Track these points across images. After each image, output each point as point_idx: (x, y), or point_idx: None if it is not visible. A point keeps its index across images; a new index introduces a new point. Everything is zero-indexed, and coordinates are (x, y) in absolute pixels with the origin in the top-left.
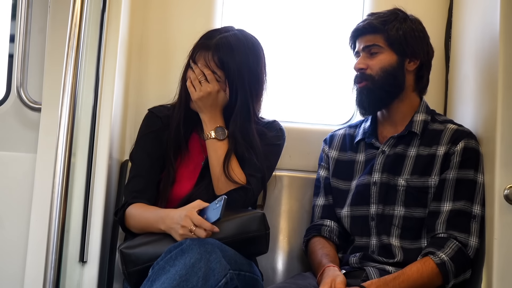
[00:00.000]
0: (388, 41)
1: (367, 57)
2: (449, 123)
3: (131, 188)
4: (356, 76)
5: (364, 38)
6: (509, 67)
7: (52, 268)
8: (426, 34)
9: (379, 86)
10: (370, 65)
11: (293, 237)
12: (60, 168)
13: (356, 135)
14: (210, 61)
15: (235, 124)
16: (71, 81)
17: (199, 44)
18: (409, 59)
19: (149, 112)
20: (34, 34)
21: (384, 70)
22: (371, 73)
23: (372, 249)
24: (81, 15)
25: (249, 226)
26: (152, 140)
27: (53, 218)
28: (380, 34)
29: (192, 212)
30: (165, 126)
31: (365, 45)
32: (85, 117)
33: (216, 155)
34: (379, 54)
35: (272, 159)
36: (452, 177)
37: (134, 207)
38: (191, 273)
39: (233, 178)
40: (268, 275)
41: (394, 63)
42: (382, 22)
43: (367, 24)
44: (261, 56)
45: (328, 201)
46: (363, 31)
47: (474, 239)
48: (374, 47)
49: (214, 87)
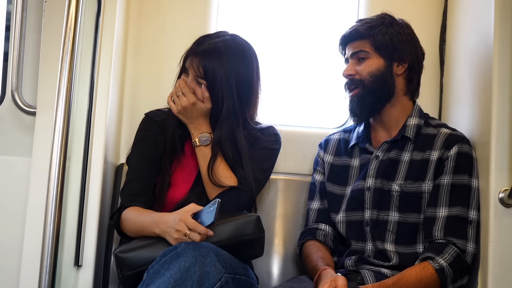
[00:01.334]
0: (375, 45)
1: (356, 63)
2: (443, 127)
3: (127, 192)
4: (346, 82)
5: (352, 44)
6: (503, 71)
7: (47, 272)
8: (414, 37)
9: (369, 91)
10: (358, 71)
11: (289, 240)
12: (55, 172)
13: (350, 139)
14: (197, 68)
15: (221, 129)
16: (66, 85)
17: (190, 50)
18: (397, 62)
19: (146, 116)
20: (29, 37)
21: (372, 74)
22: (360, 78)
23: (368, 253)
24: (75, 19)
25: (244, 229)
26: (148, 144)
27: (48, 222)
28: (366, 39)
29: (186, 216)
30: (161, 130)
31: (353, 51)
32: (80, 121)
33: (204, 161)
34: (367, 59)
35: (266, 162)
36: (446, 182)
37: (130, 211)
38: (185, 277)
39: (219, 181)
40: (264, 279)
41: (382, 67)
42: (368, 28)
43: (353, 30)
44: (252, 62)
45: (323, 205)
46: (350, 38)
47: (471, 245)
48: (362, 53)
49: (189, 100)
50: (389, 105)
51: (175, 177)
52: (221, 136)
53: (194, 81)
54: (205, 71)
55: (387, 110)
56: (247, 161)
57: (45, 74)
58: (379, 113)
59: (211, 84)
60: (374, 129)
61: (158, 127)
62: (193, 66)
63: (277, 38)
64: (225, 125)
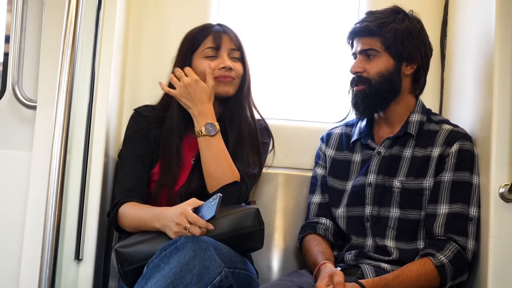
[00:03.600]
0: (385, 44)
1: (364, 60)
2: (445, 123)
3: (123, 187)
4: (353, 78)
5: (361, 40)
6: (504, 66)
7: (48, 266)
8: (424, 34)
9: (375, 90)
10: (366, 69)
11: (289, 234)
12: (55, 166)
13: (352, 134)
14: (231, 41)
15: (232, 110)
16: (66, 79)
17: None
18: (406, 63)
19: (135, 112)
20: (30, 31)
21: (380, 74)
22: (368, 77)
23: (368, 248)
24: (76, 13)
25: (244, 222)
26: (140, 139)
27: (49, 216)
28: (377, 37)
29: (186, 210)
30: (151, 125)
31: (362, 48)
32: (81, 115)
33: (209, 152)
34: (376, 58)
35: (263, 156)
36: (448, 179)
37: (127, 206)
38: (185, 271)
39: (223, 179)
40: (264, 273)
41: (390, 67)
42: (380, 25)
43: (364, 27)
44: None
45: (324, 199)
46: (360, 33)
47: (472, 242)
48: (371, 51)
49: (191, 77)
50: (393, 103)
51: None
52: (232, 118)
53: (228, 58)
54: (238, 43)
55: (391, 107)
56: (249, 151)
57: (46, 68)
58: (383, 110)
59: (242, 57)
60: (377, 124)
61: (148, 122)
62: (224, 42)
63: (278, 33)
64: (237, 106)
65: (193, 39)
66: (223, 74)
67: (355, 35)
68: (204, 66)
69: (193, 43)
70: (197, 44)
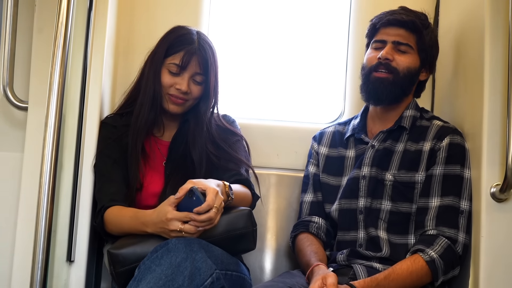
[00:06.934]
0: (419, 45)
1: (395, 51)
2: (436, 119)
3: (106, 191)
4: (379, 63)
5: (398, 31)
6: (494, 64)
7: (40, 268)
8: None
9: (399, 83)
10: (397, 60)
11: (281, 235)
12: (47, 168)
13: (346, 131)
14: (197, 65)
15: (192, 139)
16: (58, 80)
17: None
18: (425, 69)
19: (104, 123)
20: (21, 32)
21: (409, 70)
22: (397, 67)
23: (360, 242)
24: (67, 14)
25: (236, 224)
26: (113, 145)
27: (40, 218)
28: (415, 34)
29: (171, 213)
30: (122, 133)
31: (397, 40)
32: (72, 116)
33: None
34: (408, 54)
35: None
36: (439, 172)
37: (113, 212)
38: (177, 273)
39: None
40: (256, 274)
41: (416, 68)
42: (421, 25)
43: (410, 21)
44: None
45: (317, 198)
46: (402, 24)
47: (462, 235)
48: (406, 46)
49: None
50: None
51: (146, 177)
52: (194, 140)
53: (189, 80)
54: (206, 66)
55: (394, 105)
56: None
57: (37, 69)
58: (386, 107)
59: (206, 80)
60: (372, 120)
61: (119, 131)
62: (191, 65)
63: (269, 34)
64: (198, 125)
65: (170, 44)
66: (177, 95)
67: (393, 23)
68: (165, 82)
69: (167, 50)
70: (170, 52)
